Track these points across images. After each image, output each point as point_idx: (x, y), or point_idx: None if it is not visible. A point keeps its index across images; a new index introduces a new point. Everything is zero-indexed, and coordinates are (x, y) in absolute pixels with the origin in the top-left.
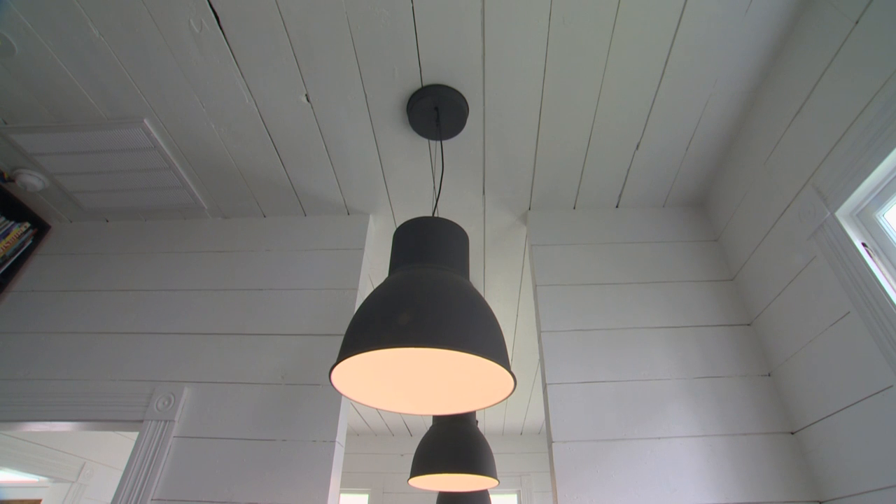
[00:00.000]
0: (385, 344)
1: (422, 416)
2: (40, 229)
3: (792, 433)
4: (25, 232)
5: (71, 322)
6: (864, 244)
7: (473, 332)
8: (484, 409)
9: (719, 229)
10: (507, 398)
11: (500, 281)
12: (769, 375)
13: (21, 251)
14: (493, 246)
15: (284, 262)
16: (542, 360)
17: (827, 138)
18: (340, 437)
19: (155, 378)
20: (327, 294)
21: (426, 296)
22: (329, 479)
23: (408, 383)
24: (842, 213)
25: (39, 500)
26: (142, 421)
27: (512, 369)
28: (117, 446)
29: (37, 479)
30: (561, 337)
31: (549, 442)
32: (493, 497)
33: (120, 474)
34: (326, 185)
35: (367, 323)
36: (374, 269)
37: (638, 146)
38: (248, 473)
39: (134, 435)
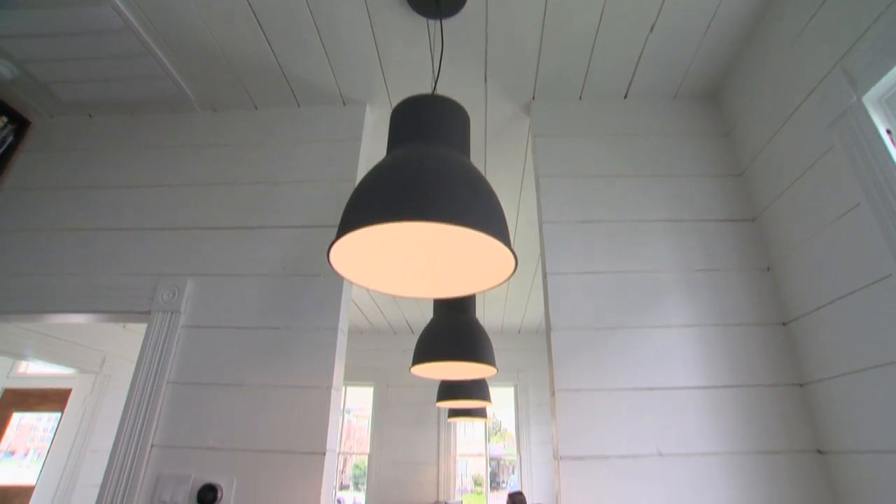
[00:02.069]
0: (384, 218)
1: (422, 299)
2: (20, 125)
3: (783, 324)
4: (4, 127)
5: (70, 219)
6: (888, 131)
7: (475, 207)
8: (485, 291)
9: (731, 123)
10: (508, 279)
11: (501, 177)
12: (768, 270)
13: (4, 147)
14: (495, 139)
15: (280, 155)
16: (542, 251)
17: (863, 16)
18: (342, 324)
19: (158, 272)
20: (325, 186)
21: (426, 171)
22: (333, 364)
23: (407, 265)
24: (869, 98)
25: (70, 390)
26: (149, 312)
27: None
28: (133, 342)
29: (66, 371)
30: (562, 228)
31: (548, 329)
32: (491, 390)
33: None
34: (319, 70)
35: (365, 198)
36: (371, 161)
37: (652, 28)
38: (255, 359)
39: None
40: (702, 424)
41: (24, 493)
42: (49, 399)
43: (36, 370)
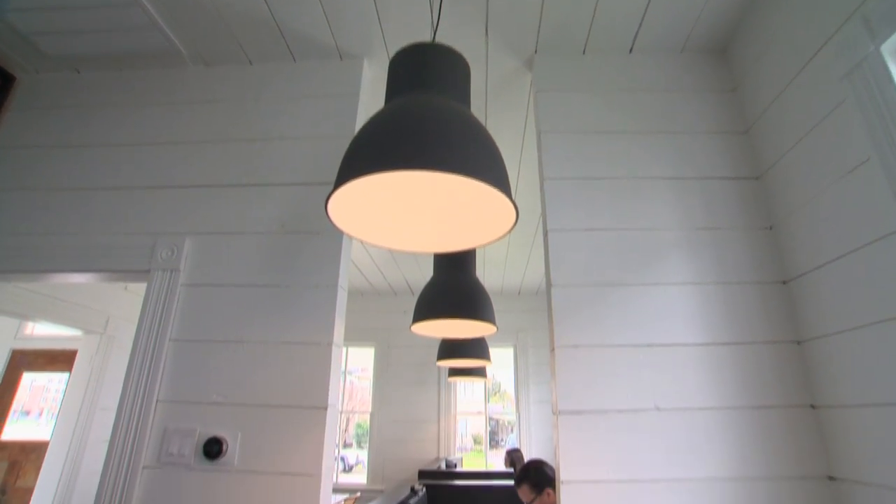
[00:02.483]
0: (382, 167)
1: (422, 254)
2: (4, 80)
3: (784, 283)
4: None
5: (65, 178)
6: None
7: (475, 157)
8: (486, 244)
9: (738, 78)
10: (509, 232)
11: (502, 137)
12: (770, 229)
13: None
14: (496, 97)
15: (276, 111)
16: (543, 207)
17: None
18: (342, 281)
19: (156, 231)
20: (322, 143)
21: (425, 120)
22: (333, 321)
23: (407, 219)
24: (887, 48)
25: (76, 351)
26: (148, 271)
27: (512, 229)
28: (135, 304)
29: (71, 332)
30: (564, 185)
31: (549, 286)
32: (491, 350)
33: None
34: (315, 23)
35: (363, 148)
36: (369, 117)
37: None
38: (255, 316)
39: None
40: (699, 380)
41: (40, 447)
42: (57, 360)
43: (42, 332)
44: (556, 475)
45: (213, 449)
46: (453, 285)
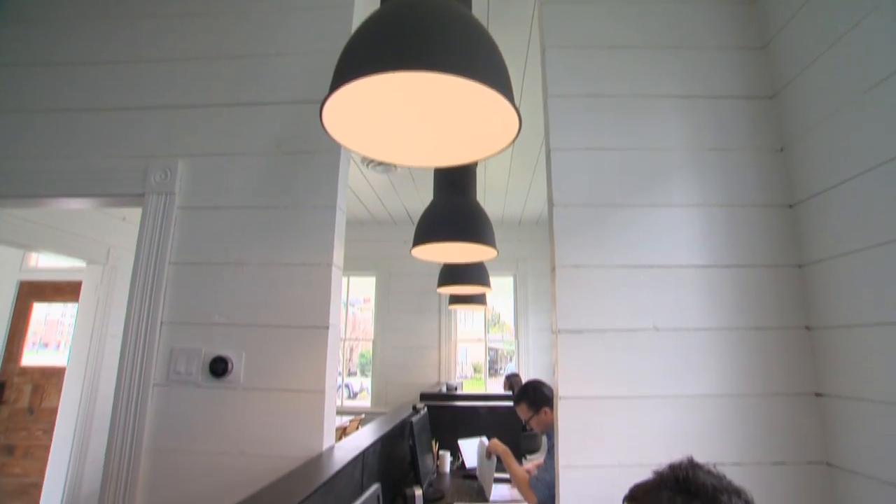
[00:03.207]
0: (379, 68)
1: (421, 166)
2: None
3: (790, 206)
4: None
5: (51, 99)
6: None
7: (476, 59)
8: (487, 157)
9: None
10: (510, 144)
11: (504, 55)
12: (781, 150)
13: None
14: (498, 14)
15: (268, 25)
16: (547, 125)
17: None
18: (341, 202)
19: (148, 153)
20: (317, 58)
21: (427, 20)
22: (332, 242)
23: (405, 129)
24: None
25: (80, 282)
26: (143, 195)
27: (513, 153)
28: (135, 235)
29: (74, 263)
30: (568, 102)
31: (550, 206)
32: (491, 279)
33: None
34: None
35: (361, 49)
36: None
37: None
38: (254, 238)
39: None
40: (698, 301)
41: (59, 372)
42: (64, 291)
43: (46, 264)
44: (554, 392)
45: (218, 367)
46: (454, 208)
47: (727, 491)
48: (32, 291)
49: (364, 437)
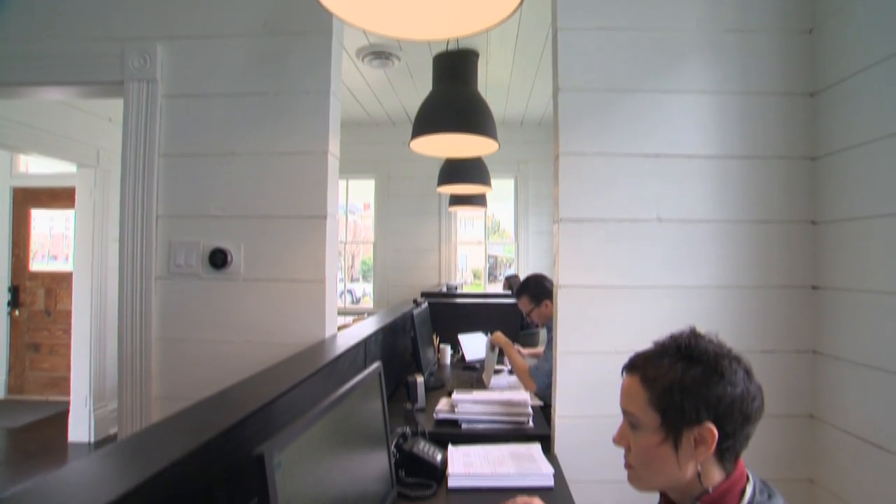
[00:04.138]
0: None
1: (418, 39)
2: None
3: (811, 94)
4: None
5: None
6: None
7: None
8: (488, 28)
9: None
10: (513, 13)
11: None
12: (810, 32)
13: None
14: None
15: None
16: (554, 3)
17: None
18: (334, 87)
19: (123, 36)
20: None
21: None
22: (327, 129)
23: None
24: None
25: (74, 187)
26: (122, 82)
27: (516, 47)
28: None
29: (65, 167)
30: None
31: (556, 91)
32: (492, 182)
33: None
34: None
35: None
36: None
37: None
38: (245, 127)
39: None
40: (704, 192)
41: (68, 277)
42: (59, 197)
43: (37, 170)
44: (555, 282)
45: (218, 259)
46: (454, 98)
47: (728, 357)
48: (28, 198)
49: (366, 327)
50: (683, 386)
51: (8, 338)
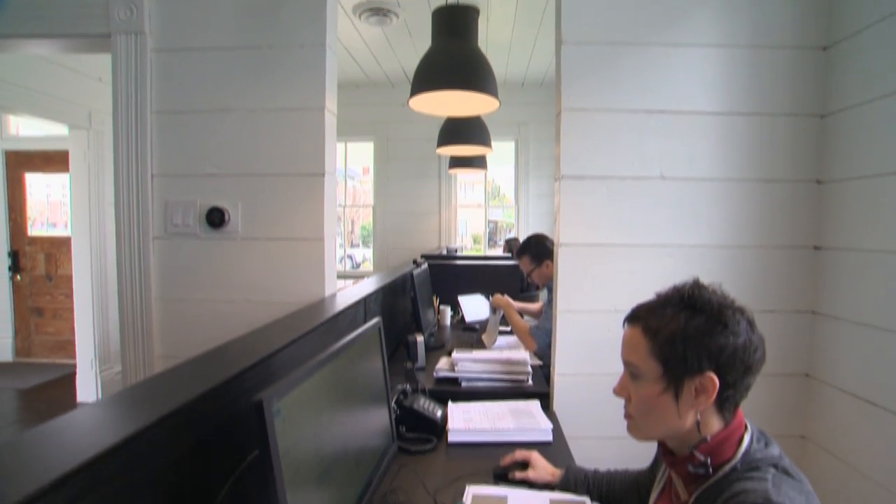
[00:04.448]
0: None
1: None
2: None
3: (824, 48)
4: None
5: None
6: None
7: None
8: None
9: None
10: None
11: None
12: None
13: None
14: None
15: None
16: None
17: None
18: (330, 40)
19: None
20: None
21: None
22: (324, 83)
23: None
24: None
25: (67, 151)
26: (109, 35)
27: (518, 1)
28: None
29: (56, 129)
30: None
31: (559, 44)
32: (492, 143)
33: None
34: None
35: None
36: None
37: None
38: (239, 82)
39: None
40: (709, 150)
41: (67, 242)
42: (53, 160)
43: (28, 132)
44: (555, 241)
45: (215, 218)
46: (454, 53)
47: (731, 307)
48: (21, 161)
49: (366, 286)
50: (686, 335)
51: (11, 302)
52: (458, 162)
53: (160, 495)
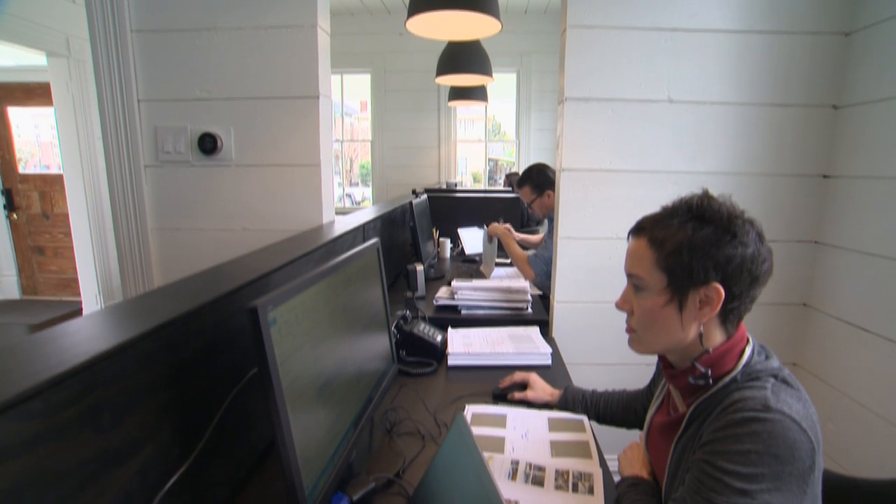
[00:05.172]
0: None
1: None
2: None
3: None
4: None
5: None
6: None
7: None
8: None
9: None
10: None
11: None
12: None
13: None
14: None
15: None
16: None
17: None
18: None
19: None
20: None
21: None
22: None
23: None
24: None
25: (49, 83)
26: None
27: None
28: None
29: (33, 56)
30: None
31: None
32: (494, 75)
33: None
34: None
35: None
36: None
37: None
38: None
39: None
40: (721, 72)
41: (60, 179)
42: (35, 93)
43: (4, 62)
44: (557, 166)
45: (207, 144)
46: None
47: (741, 217)
48: (2, 95)
49: (365, 214)
50: (693, 245)
51: (11, 241)
52: (457, 93)
53: (161, 404)
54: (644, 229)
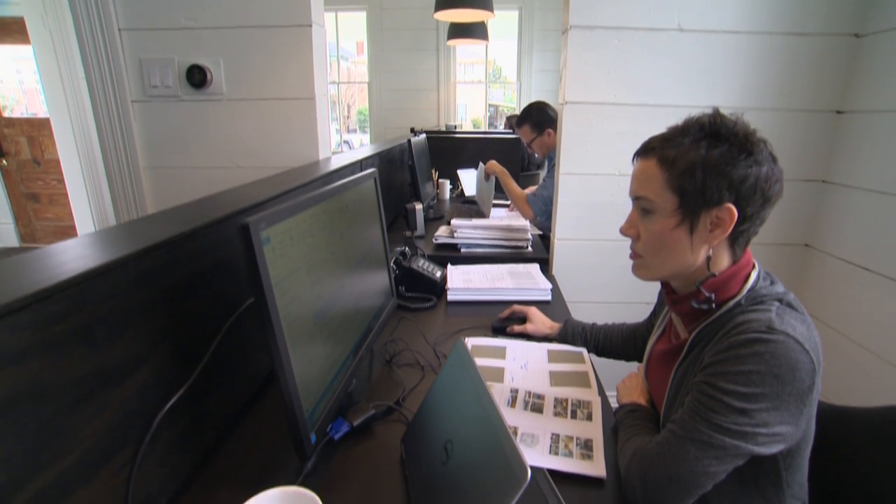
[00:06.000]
0: None
1: None
2: None
3: None
4: None
5: None
6: None
7: None
8: None
9: None
10: None
11: None
12: None
13: None
14: None
15: None
16: None
17: None
18: None
19: None
20: None
21: None
22: None
23: None
24: None
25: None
26: None
27: None
28: None
29: None
30: None
31: None
32: (495, 13)
33: None
34: None
35: None
36: None
37: None
38: None
39: None
40: None
41: (48, 123)
42: (10, 30)
43: None
44: (560, 99)
45: (196, 77)
46: None
47: (755, 135)
48: None
49: (362, 150)
50: (707, 164)
51: (4, 188)
52: (457, 31)
53: (157, 328)
54: (653, 149)
